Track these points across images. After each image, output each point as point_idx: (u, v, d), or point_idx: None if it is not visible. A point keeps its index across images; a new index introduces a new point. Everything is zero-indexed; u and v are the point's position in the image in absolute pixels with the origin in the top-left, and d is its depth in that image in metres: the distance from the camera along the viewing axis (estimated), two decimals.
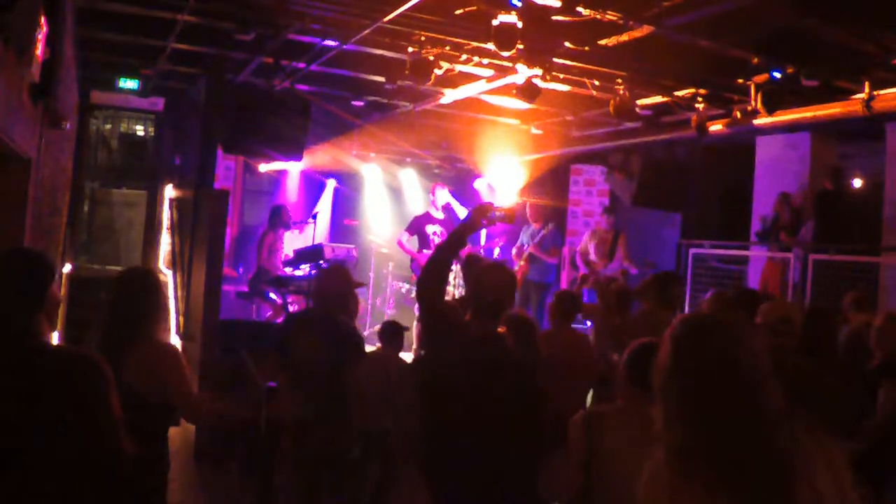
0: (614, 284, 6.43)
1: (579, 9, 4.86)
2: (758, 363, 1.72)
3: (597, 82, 6.59)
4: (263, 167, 10.54)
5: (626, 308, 5.58)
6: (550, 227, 8.91)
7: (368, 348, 4.73)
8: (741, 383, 1.70)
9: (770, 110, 5.94)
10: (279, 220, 8.85)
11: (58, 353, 2.24)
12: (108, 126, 11.98)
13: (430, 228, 8.44)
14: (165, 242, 9.30)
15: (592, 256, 8.96)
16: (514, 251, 9.09)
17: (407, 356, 5.44)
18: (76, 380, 2.11)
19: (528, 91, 6.25)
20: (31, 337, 2.20)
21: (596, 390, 4.86)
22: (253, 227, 10.85)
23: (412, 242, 8.53)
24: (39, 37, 4.36)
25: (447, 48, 5.96)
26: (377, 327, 5.65)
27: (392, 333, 5.24)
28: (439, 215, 8.53)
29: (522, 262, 8.78)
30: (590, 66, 6.31)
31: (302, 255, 8.39)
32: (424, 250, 8.36)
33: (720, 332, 1.78)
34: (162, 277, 3.49)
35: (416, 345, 7.77)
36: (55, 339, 2.94)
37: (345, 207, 11.84)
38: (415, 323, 7.94)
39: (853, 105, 6.18)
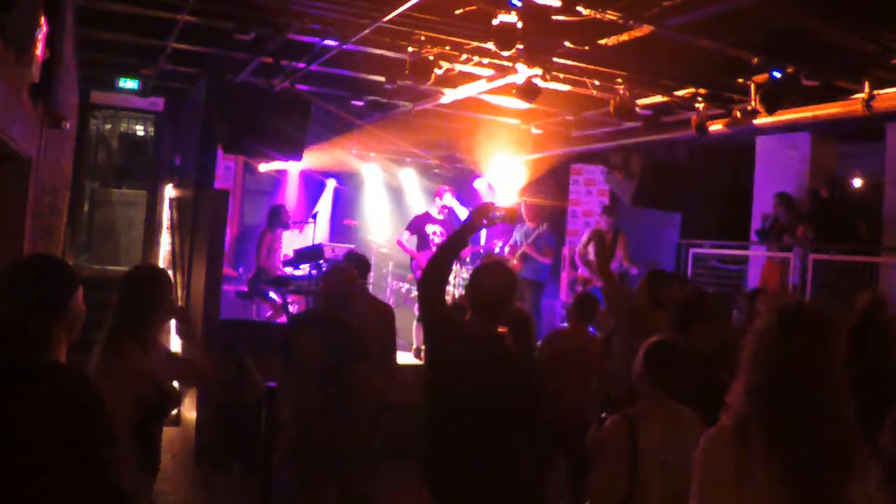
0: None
1: (579, 8, 4.85)
2: (840, 359, 1.84)
3: (597, 82, 6.59)
4: (263, 167, 10.54)
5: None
6: (545, 226, 8.91)
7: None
8: (824, 372, 1.81)
9: (770, 110, 5.93)
10: (277, 219, 8.86)
11: (63, 373, 2.10)
12: (108, 126, 11.98)
13: (429, 228, 8.47)
14: (165, 242, 9.30)
15: (592, 256, 8.95)
16: (506, 249, 9.10)
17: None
18: (76, 405, 2.00)
19: (528, 91, 6.24)
20: (40, 351, 2.08)
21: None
22: (253, 227, 10.83)
23: (412, 242, 8.56)
24: (39, 37, 4.35)
25: (447, 48, 5.95)
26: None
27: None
28: (439, 216, 8.56)
29: (515, 261, 8.78)
30: (590, 66, 6.30)
31: (302, 255, 8.39)
32: (423, 250, 8.38)
33: (816, 321, 1.89)
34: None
35: (417, 344, 7.82)
36: None
37: (345, 207, 11.83)
38: (415, 322, 7.97)
39: (853, 105, 6.18)
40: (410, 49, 5.87)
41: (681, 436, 2.88)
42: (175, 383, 3.37)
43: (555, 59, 6.08)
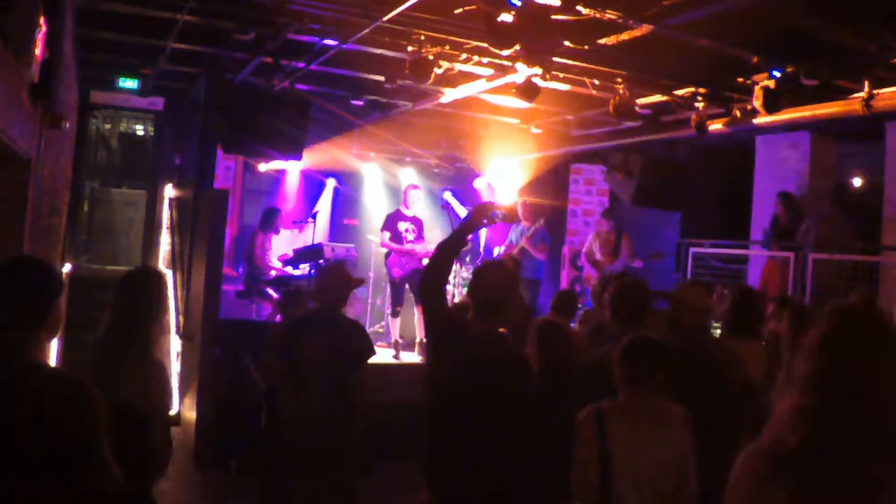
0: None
1: (579, 8, 4.85)
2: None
3: (596, 81, 6.59)
4: (263, 167, 10.52)
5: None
6: (541, 223, 8.97)
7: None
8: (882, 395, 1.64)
9: (770, 110, 5.93)
10: (270, 224, 8.84)
11: (46, 375, 2.02)
12: (108, 126, 11.97)
13: (401, 226, 8.49)
14: (165, 242, 9.29)
15: (598, 256, 9.01)
16: (502, 249, 9.14)
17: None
18: (64, 407, 1.93)
19: (528, 90, 6.24)
20: (22, 355, 2.05)
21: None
22: (253, 226, 10.83)
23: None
24: (39, 37, 4.35)
25: (447, 47, 5.95)
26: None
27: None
28: (409, 213, 8.58)
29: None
30: (590, 66, 6.30)
31: (302, 255, 8.39)
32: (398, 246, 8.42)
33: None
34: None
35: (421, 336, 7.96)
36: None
37: (345, 207, 11.82)
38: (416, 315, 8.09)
39: (853, 104, 6.18)
40: (410, 48, 5.87)
41: (655, 431, 2.88)
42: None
43: (555, 59, 6.07)
